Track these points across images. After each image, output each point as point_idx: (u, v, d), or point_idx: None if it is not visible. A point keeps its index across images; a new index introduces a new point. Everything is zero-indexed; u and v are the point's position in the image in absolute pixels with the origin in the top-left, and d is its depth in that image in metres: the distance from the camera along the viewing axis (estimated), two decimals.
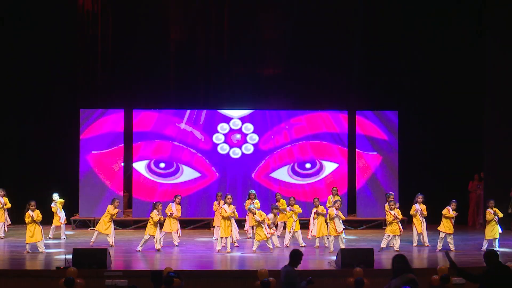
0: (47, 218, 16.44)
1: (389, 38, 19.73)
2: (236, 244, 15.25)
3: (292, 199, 15.67)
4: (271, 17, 20.19)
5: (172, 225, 15.45)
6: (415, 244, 15.53)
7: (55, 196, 16.95)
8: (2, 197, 16.86)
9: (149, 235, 14.70)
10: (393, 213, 14.91)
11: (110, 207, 15.36)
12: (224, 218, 14.69)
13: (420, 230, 15.49)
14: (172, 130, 19.04)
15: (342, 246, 14.22)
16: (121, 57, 19.75)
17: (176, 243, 15.44)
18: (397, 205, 15.31)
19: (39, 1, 19.19)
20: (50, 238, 16.48)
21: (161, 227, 15.21)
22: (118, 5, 19.78)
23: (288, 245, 15.37)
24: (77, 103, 19.16)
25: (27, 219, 14.45)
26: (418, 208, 15.46)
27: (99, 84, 19.87)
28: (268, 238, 14.65)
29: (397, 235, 14.85)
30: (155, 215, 14.68)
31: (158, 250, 14.71)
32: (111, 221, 15.35)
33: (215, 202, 16.50)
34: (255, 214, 14.60)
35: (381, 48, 19.77)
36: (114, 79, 19.77)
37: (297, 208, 15.44)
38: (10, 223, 17.05)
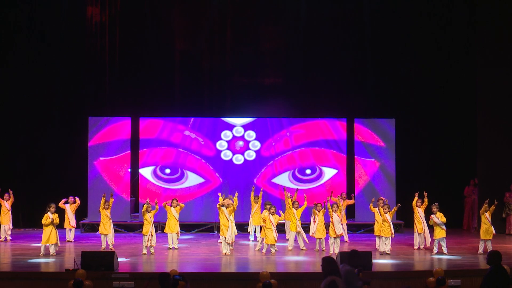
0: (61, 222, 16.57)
1: (387, 48, 19.79)
2: (231, 248, 15.25)
3: (296, 203, 15.69)
4: (272, 28, 20.25)
5: (174, 227, 15.44)
6: (416, 247, 15.51)
7: (71, 198, 17.03)
8: (6, 201, 16.91)
9: (143, 234, 14.81)
10: (387, 216, 14.93)
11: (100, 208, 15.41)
12: (221, 210, 14.79)
13: (420, 231, 15.44)
14: (177, 137, 19.10)
15: (337, 250, 14.22)
16: (128, 67, 19.82)
17: (176, 246, 15.45)
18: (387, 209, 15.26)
19: (49, 13, 19.30)
20: (69, 241, 16.53)
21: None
22: (125, 17, 19.86)
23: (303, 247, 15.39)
24: (85, 111, 19.22)
25: (45, 221, 14.49)
26: (420, 211, 15.43)
27: (107, 93, 19.93)
28: (276, 241, 14.70)
29: (388, 237, 14.84)
30: (147, 208, 14.76)
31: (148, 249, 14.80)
32: (109, 221, 15.31)
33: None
34: (272, 215, 14.68)
35: (378, 58, 19.84)
36: (121, 88, 19.84)
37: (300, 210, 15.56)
38: (11, 227, 17.05)
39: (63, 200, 16.81)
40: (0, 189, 17.18)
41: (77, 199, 17.00)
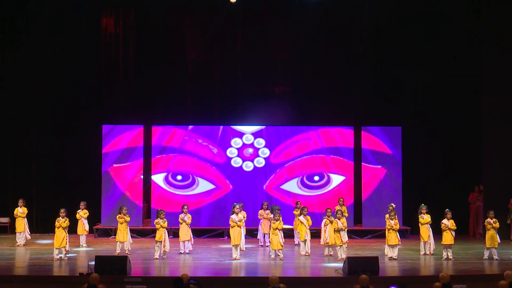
0: (74, 227, 16.58)
1: (394, 57, 19.72)
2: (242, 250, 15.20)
3: (305, 209, 15.64)
4: (281, 39, 20.24)
5: (187, 234, 15.45)
6: (422, 252, 15.39)
7: (82, 204, 17.05)
8: (21, 207, 16.95)
9: (156, 240, 14.84)
10: (393, 223, 14.83)
11: (118, 216, 15.45)
12: (232, 226, 14.73)
13: (426, 239, 15.35)
14: (188, 145, 19.10)
15: (344, 256, 14.14)
16: (141, 76, 19.86)
17: (188, 251, 15.43)
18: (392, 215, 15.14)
19: (65, 24, 19.39)
20: (83, 246, 16.56)
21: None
22: (139, 27, 19.91)
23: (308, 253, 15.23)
24: (100, 119, 19.27)
25: (56, 224, 14.58)
26: (424, 218, 15.35)
27: (120, 101, 19.97)
28: (283, 247, 14.62)
29: (395, 244, 14.71)
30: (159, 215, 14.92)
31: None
32: (125, 228, 15.32)
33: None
34: (278, 221, 14.61)
35: (385, 67, 19.78)
36: (135, 96, 19.87)
37: (309, 219, 15.45)
38: (29, 233, 17.06)
39: (78, 212, 16.89)
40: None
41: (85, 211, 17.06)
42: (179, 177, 19.04)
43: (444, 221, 14.87)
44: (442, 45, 19.49)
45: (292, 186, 19.08)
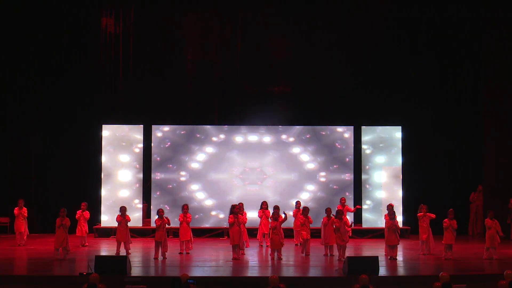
0: (74, 228, 16.58)
1: (394, 56, 19.69)
2: (243, 252, 15.19)
3: (306, 209, 15.65)
4: (280, 39, 20.25)
5: (187, 234, 15.44)
6: (422, 252, 15.39)
7: (83, 205, 17.05)
8: (21, 207, 16.95)
9: (155, 241, 14.83)
10: (394, 222, 14.81)
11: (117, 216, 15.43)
12: (230, 225, 14.74)
13: (425, 238, 15.35)
14: (188, 144, 19.09)
15: (344, 255, 14.13)
16: (141, 76, 19.85)
17: (188, 251, 15.43)
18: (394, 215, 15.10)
19: (64, 24, 19.40)
20: (86, 245, 16.56)
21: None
22: (139, 28, 19.91)
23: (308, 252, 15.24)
24: (100, 119, 19.27)
25: (57, 223, 14.58)
26: (425, 219, 15.34)
27: (120, 101, 19.97)
28: (283, 245, 14.62)
29: (395, 244, 14.70)
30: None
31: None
32: (125, 228, 15.29)
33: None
34: (275, 220, 14.63)
35: (385, 67, 19.75)
36: (135, 96, 19.88)
37: (309, 219, 15.47)
38: (28, 233, 17.07)
39: (78, 212, 16.89)
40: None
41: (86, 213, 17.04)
42: (179, 177, 19.03)
43: (447, 220, 14.85)
44: (441, 44, 19.48)
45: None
